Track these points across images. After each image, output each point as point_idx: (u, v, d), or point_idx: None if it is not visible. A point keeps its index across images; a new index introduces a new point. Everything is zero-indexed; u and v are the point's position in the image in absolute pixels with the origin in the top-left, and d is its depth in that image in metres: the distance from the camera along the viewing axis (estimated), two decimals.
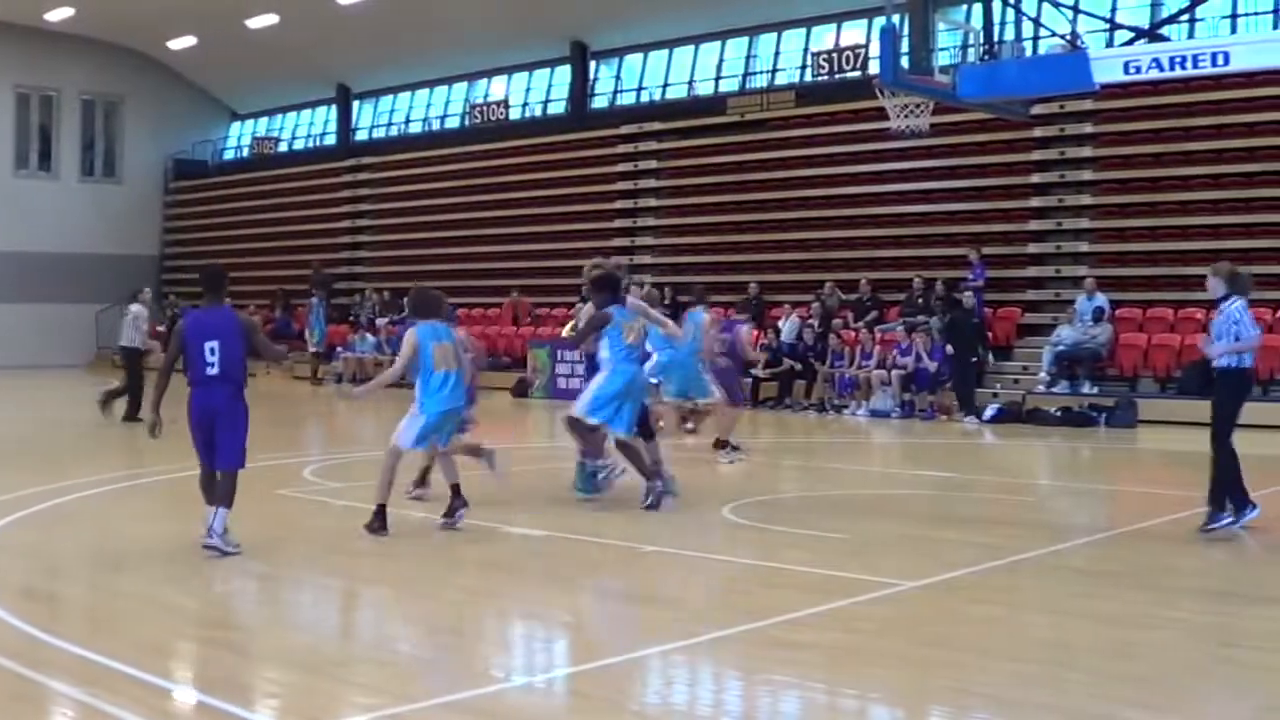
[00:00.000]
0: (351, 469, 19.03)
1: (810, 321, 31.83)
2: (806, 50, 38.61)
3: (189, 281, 52.41)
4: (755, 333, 26.40)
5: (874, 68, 29.32)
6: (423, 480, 15.56)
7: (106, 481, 17.09)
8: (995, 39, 19.02)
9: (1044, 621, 10.37)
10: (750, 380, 29.44)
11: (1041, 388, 28.59)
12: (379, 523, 13.31)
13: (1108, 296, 29.31)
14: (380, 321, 41.36)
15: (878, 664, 8.97)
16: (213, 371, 12.13)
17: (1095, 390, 28.11)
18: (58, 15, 48.81)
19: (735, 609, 10.68)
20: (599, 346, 15.32)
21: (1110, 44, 23.74)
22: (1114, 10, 31.07)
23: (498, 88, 47.99)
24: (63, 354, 49.29)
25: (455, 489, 13.77)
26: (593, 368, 15.77)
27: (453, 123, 49.09)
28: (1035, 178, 32.38)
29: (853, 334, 31.11)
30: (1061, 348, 28.72)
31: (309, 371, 40.56)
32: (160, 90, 55.52)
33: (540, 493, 16.40)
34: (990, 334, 29.90)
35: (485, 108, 46.46)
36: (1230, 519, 13.34)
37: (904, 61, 19.35)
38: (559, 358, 34.01)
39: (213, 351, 12.11)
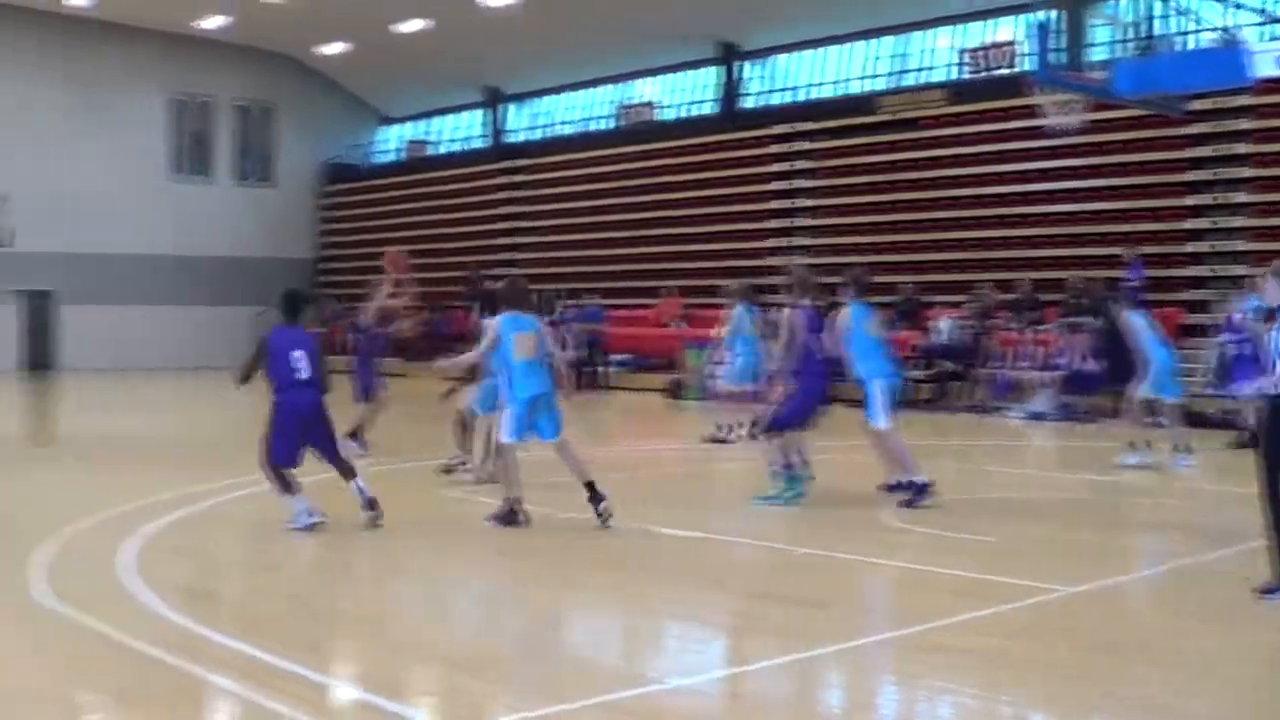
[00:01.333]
0: None
1: (967, 322, 31.44)
2: (957, 48, 38.29)
3: (343, 284, 52.99)
4: (904, 335, 25.97)
5: (1026, 65, 29.04)
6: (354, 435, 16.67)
7: (259, 482, 17.23)
8: (1150, 34, 18.76)
9: (1203, 629, 10.15)
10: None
11: (1208, 390, 27.97)
12: (509, 518, 13.68)
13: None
14: None
15: (1031, 669, 8.90)
16: (302, 376, 13.53)
17: None
18: (211, 23, 49.61)
19: (888, 613, 10.66)
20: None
21: (1269, 38, 23.34)
22: (1271, 3, 30.54)
23: (647, 89, 48.05)
24: (219, 355, 49.95)
25: (590, 485, 13.88)
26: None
27: (603, 124, 49.21)
28: (1190, 175, 31.82)
29: (1011, 335, 30.66)
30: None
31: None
32: (312, 95, 56.23)
33: (692, 494, 16.39)
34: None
35: (635, 109, 46.53)
36: None
37: (1056, 58, 19.13)
38: (712, 359, 33.90)
39: (299, 359, 13.46)
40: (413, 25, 46.97)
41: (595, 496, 13.77)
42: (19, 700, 8.08)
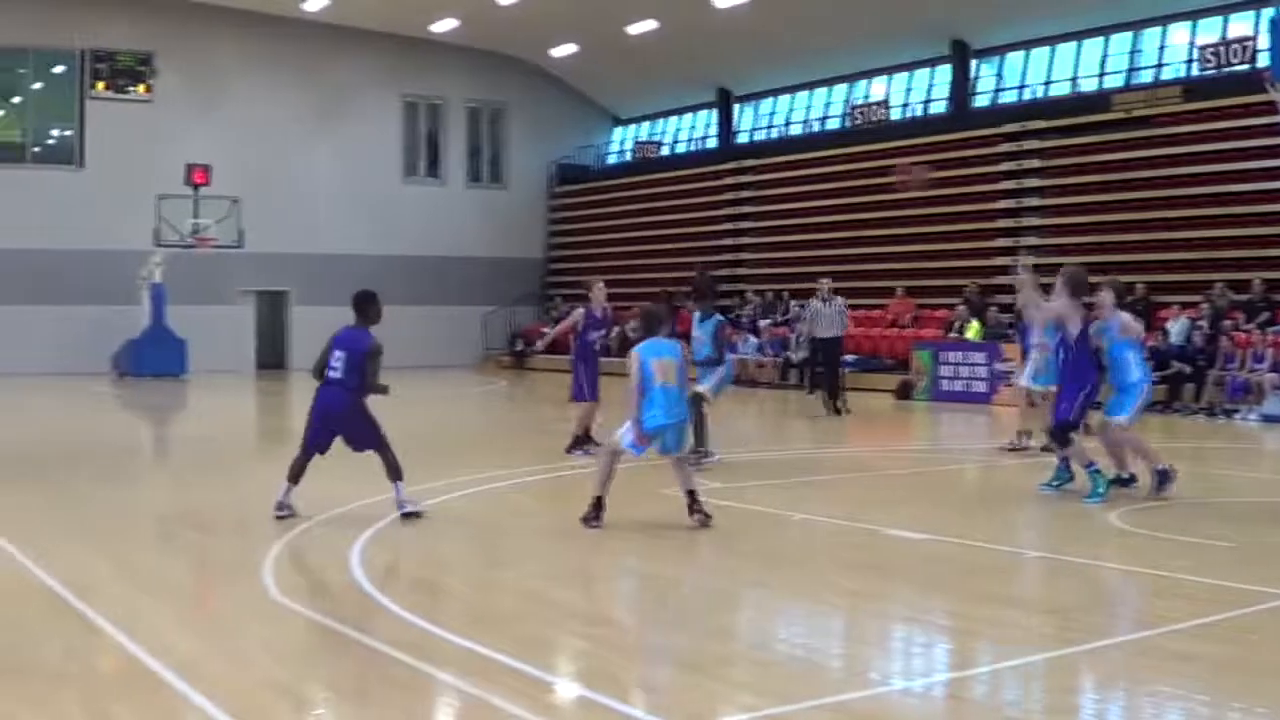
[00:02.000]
0: (737, 469, 19.08)
1: (1199, 323, 30.87)
2: (1192, 44, 37.63)
3: (574, 284, 53.33)
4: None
5: (1263, 61, 28.45)
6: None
7: (485, 480, 17.46)
8: None
9: None
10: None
11: None
12: (594, 515, 13.84)
13: None
14: (763, 324, 41.57)
15: (1267, 677, 8.71)
16: (335, 375, 14.60)
17: None
18: (442, 26, 50.42)
19: (1118, 617, 10.52)
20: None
21: None
22: None
23: (878, 88, 47.82)
24: (451, 355, 50.72)
25: (691, 494, 14.00)
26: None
27: (833, 124, 49.05)
28: None
29: (1244, 336, 29.99)
30: None
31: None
32: (543, 97, 56.76)
33: (918, 495, 16.31)
34: None
35: (865, 108, 46.36)
36: None
37: None
38: (941, 359, 33.72)
39: (337, 359, 14.63)
40: (643, 26, 47.32)
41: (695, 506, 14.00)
42: (256, 695, 8.27)
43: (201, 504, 16.42)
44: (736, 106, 53.34)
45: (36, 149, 47.89)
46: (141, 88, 48.00)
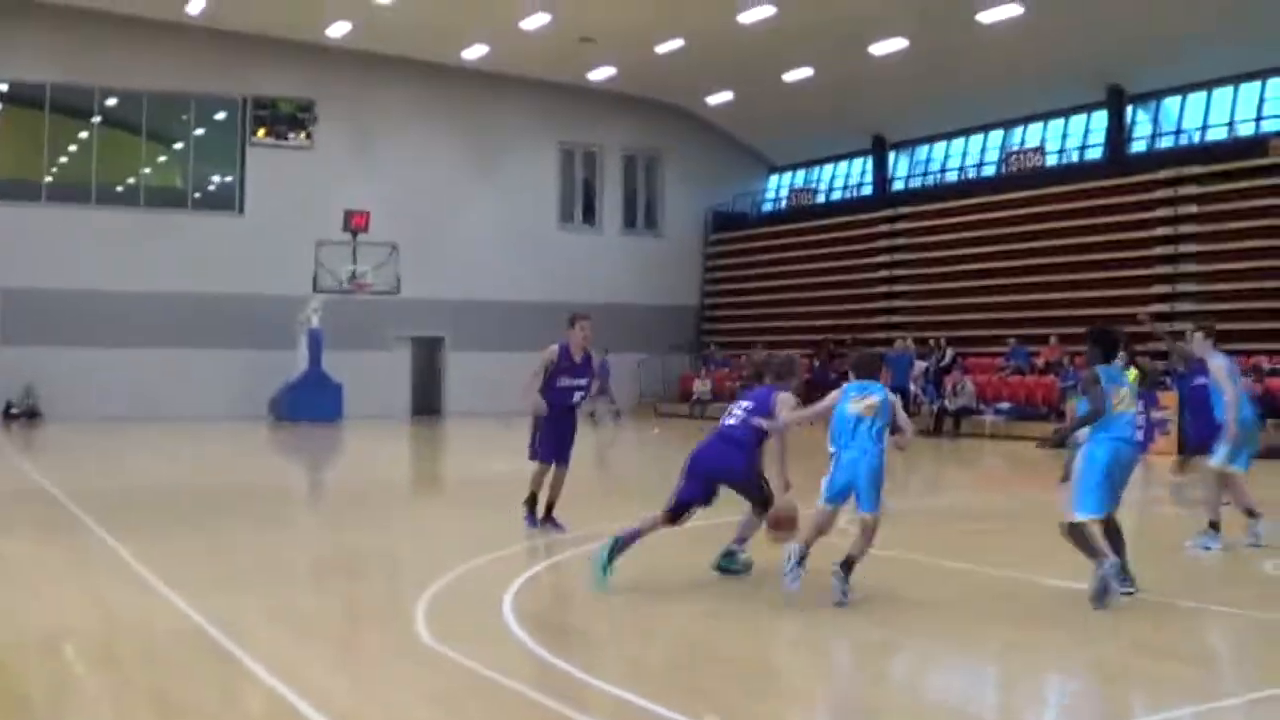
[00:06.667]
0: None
1: None
2: None
3: (728, 331, 53.42)
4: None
5: None
6: None
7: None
8: None
9: None
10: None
11: None
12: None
13: None
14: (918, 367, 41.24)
15: None
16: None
17: None
18: (600, 75, 50.91)
19: (1274, 669, 10.30)
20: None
21: None
22: None
23: (1033, 134, 47.55)
24: (600, 401, 50.90)
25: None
26: None
27: (988, 170, 48.85)
28: None
29: None
30: None
31: None
32: (698, 144, 56.98)
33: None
34: None
35: (1021, 155, 46.11)
36: None
37: None
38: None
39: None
40: (799, 74, 47.52)
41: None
42: None
43: (355, 547, 16.60)
44: (891, 153, 53.25)
45: (198, 194, 49.03)
46: (302, 135, 48.78)
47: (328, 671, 10.07)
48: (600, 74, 50.88)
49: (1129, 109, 44.12)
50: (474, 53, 48.16)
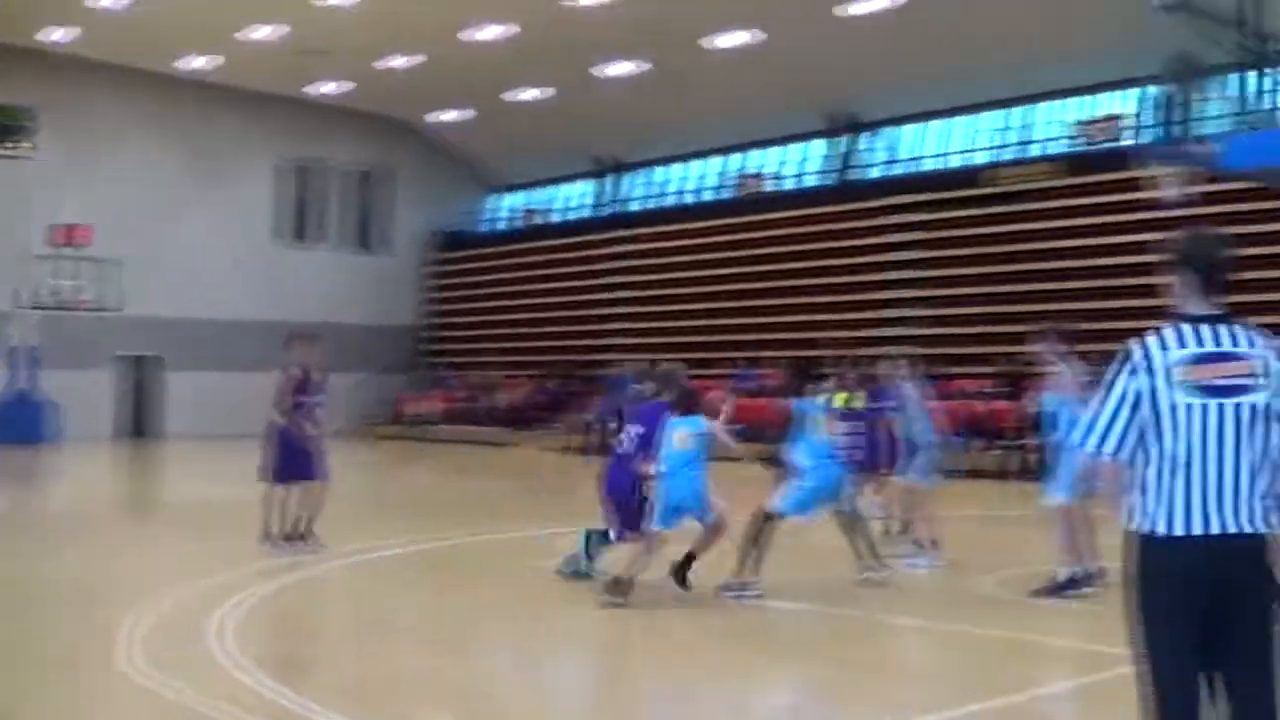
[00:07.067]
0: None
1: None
2: (1067, 122, 38.28)
3: (452, 352, 53.24)
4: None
5: (1135, 138, 28.91)
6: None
7: (364, 551, 17.25)
8: (1259, 108, 18.55)
9: None
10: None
11: None
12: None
13: None
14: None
15: None
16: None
17: None
18: (326, 88, 50.37)
19: (986, 684, 10.48)
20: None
21: None
22: None
23: (761, 160, 48.13)
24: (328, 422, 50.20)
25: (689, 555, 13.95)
26: None
27: (716, 195, 49.30)
28: None
29: None
30: None
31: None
32: (425, 162, 56.80)
33: (796, 567, 16.26)
34: None
35: (748, 180, 46.66)
36: None
37: (1166, 132, 18.97)
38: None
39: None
40: (529, 94, 47.52)
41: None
42: None
43: (54, 576, 15.96)
44: (620, 175, 53.48)
45: None
46: (23, 143, 47.20)
47: (22, 702, 9.67)
48: (326, 88, 50.34)
49: (855, 138, 44.90)
50: (198, 63, 47.33)
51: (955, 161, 41.88)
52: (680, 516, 13.63)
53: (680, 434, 13.59)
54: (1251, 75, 17.84)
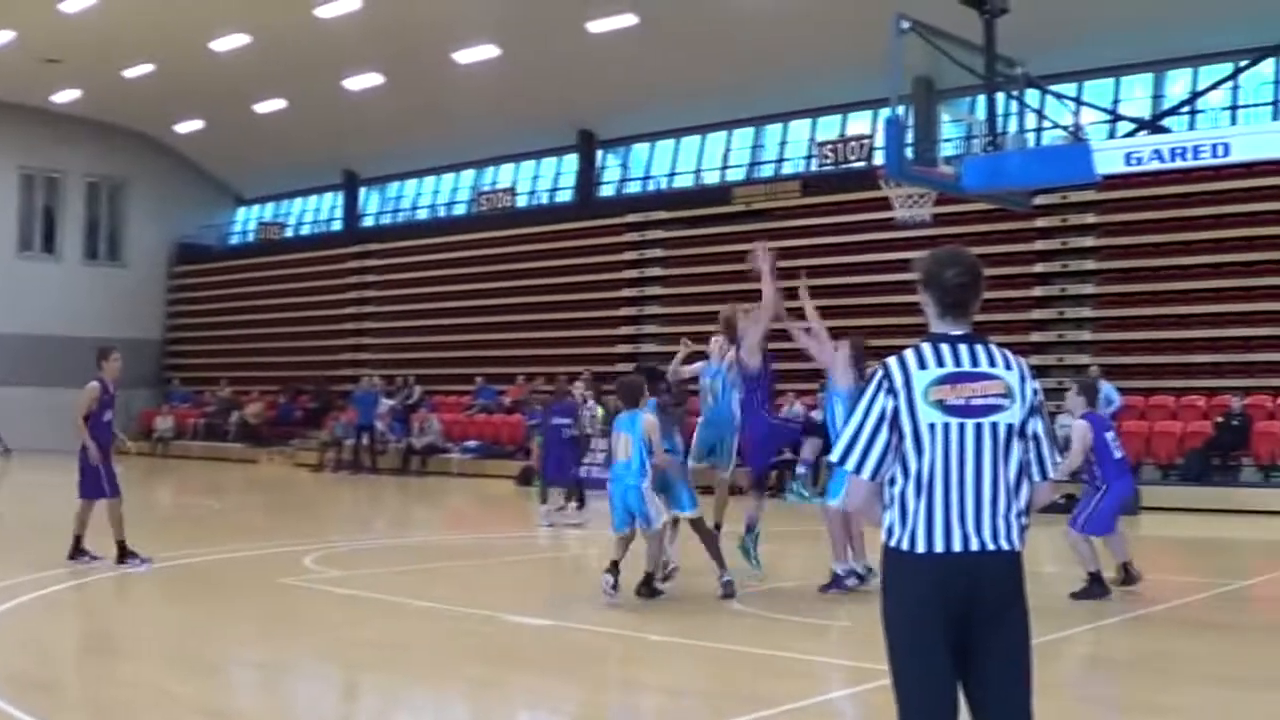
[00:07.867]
0: (357, 558, 18.98)
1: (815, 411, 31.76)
2: (812, 140, 38.89)
3: (193, 366, 52.53)
4: None
5: (879, 158, 29.50)
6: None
7: (107, 570, 16.91)
8: (998, 130, 19.09)
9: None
10: None
11: None
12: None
13: (1110, 384, 29.40)
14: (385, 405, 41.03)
15: None
16: None
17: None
18: (63, 97, 49.32)
19: (739, 697, 10.62)
20: None
21: (1112, 135, 23.82)
22: (1116, 102, 31.53)
23: (505, 175, 48.24)
24: (56, 437, 49.12)
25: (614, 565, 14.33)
26: None
27: (460, 210, 49.32)
28: (1039, 267, 32.77)
29: None
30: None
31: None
32: (166, 174, 55.83)
33: (542, 582, 16.41)
34: None
35: (492, 195, 46.70)
36: None
37: (908, 152, 19.40)
38: None
39: None
40: (271, 105, 47.01)
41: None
42: None
43: None
44: (363, 189, 53.22)
45: None
46: None
47: None
48: (64, 96, 49.26)
49: (599, 154, 45.23)
50: None
51: (701, 179, 42.31)
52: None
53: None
54: (999, 97, 18.29)
